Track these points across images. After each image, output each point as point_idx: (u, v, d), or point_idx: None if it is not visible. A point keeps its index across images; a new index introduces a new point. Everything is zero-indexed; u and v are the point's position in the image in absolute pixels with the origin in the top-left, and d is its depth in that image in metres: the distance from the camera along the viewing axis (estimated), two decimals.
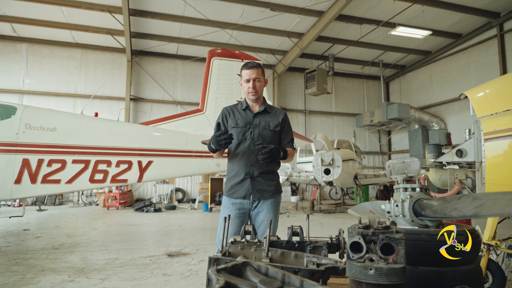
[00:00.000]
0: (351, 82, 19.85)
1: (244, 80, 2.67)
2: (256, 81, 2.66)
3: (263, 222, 2.64)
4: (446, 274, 1.38)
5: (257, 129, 2.69)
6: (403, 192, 1.60)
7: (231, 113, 2.76)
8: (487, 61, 14.15)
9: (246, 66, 2.68)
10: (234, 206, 2.65)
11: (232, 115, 2.75)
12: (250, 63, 2.70)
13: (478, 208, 1.18)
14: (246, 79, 2.66)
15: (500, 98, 2.88)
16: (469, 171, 3.11)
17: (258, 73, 2.67)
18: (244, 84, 2.69)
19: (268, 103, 2.91)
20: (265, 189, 2.68)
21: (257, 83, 2.67)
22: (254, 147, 2.64)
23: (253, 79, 2.65)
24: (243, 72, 2.68)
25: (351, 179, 11.67)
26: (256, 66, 2.67)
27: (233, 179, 2.70)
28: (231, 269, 1.17)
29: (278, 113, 2.83)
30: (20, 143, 5.02)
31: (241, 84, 2.74)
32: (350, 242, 1.18)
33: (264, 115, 2.76)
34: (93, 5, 12.08)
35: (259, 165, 2.63)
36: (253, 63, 2.70)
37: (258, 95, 2.70)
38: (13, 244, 5.88)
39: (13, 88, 14.15)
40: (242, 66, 2.72)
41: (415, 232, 1.45)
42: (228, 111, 2.78)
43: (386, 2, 12.33)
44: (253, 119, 2.72)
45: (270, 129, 2.72)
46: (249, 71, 2.64)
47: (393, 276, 1.10)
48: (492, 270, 3.10)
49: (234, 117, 2.73)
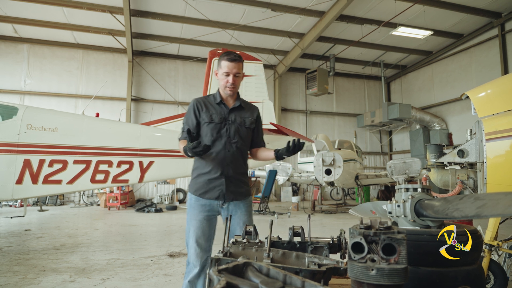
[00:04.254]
0: (352, 82, 19.84)
1: (223, 73, 2.43)
2: (235, 76, 2.43)
3: (239, 225, 2.45)
4: (448, 275, 1.37)
5: (233, 126, 2.50)
6: (405, 192, 1.59)
7: (203, 106, 2.51)
8: (489, 61, 14.13)
9: (228, 57, 2.41)
10: (203, 208, 2.46)
11: (205, 108, 2.50)
12: (232, 55, 2.43)
13: (480, 209, 1.17)
14: (225, 72, 2.41)
15: (502, 98, 2.87)
16: (471, 171, 3.10)
17: (239, 67, 2.44)
18: (222, 76, 2.45)
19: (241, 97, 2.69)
20: (238, 190, 2.51)
21: (237, 78, 2.44)
22: (231, 145, 2.47)
23: (234, 73, 2.42)
24: (222, 63, 2.42)
25: (352, 180, 11.66)
26: (238, 60, 2.42)
27: (204, 176, 2.47)
28: (232, 270, 1.17)
29: (253, 109, 2.66)
30: (22, 144, 5.02)
31: (217, 74, 2.50)
32: (351, 242, 1.18)
33: (240, 111, 2.56)
34: (94, 5, 12.10)
35: (234, 164, 2.49)
36: (235, 55, 2.44)
37: (235, 90, 2.51)
38: (14, 244, 5.89)
39: (15, 89, 14.18)
40: (222, 55, 2.44)
41: (417, 233, 1.44)
42: (200, 103, 2.52)
43: (387, 2, 12.32)
44: (229, 114, 2.52)
45: (246, 126, 2.55)
46: (230, 64, 2.39)
47: (394, 276, 1.09)
48: (493, 271, 3.09)
49: (207, 111, 2.50)
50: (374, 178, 12.49)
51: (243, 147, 2.56)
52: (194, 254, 2.41)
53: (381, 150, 20.13)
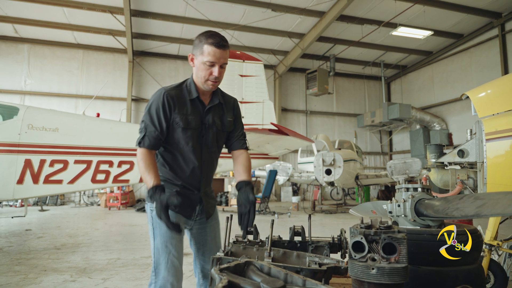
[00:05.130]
0: (352, 83, 19.85)
1: (206, 62, 1.83)
2: (221, 67, 1.89)
3: (214, 239, 2.16)
4: (448, 274, 1.38)
5: (211, 131, 2.02)
6: (405, 192, 1.60)
7: (176, 103, 1.92)
8: (489, 61, 14.14)
9: (214, 41, 1.82)
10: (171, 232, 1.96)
11: (178, 106, 1.92)
12: (219, 38, 1.84)
13: (480, 208, 1.18)
14: (210, 60, 1.83)
15: (502, 98, 2.88)
16: (471, 171, 3.11)
17: (227, 56, 1.89)
18: (203, 66, 1.86)
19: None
20: (211, 204, 2.17)
21: (222, 69, 1.91)
22: (208, 155, 2.04)
23: (221, 64, 1.87)
24: (206, 48, 1.82)
25: (352, 180, 11.67)
26: (227, 46, 1.87)
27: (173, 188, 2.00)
28: (234, 269, 1.18)
29: (231, 103, 2.16)
30: (23, 144, 5.04)
31: (193, 59, 1.92)
32: (352, 241, 1.19)
33: (217, 109, 2.06)
34: (94, 5, 12.11)
35: (209, 177, 2.12)
36: (222, 39, 1.86)
37: (218, 85, 1.99)
38: (15, 244, 5.89)
39: (15, 89, 14.19)
40: (203, 36, 1.85)
41: (417, 232, 1.45)
42: (173, 98, 1.91)
43: (387, 3, 12.32)
44: (206, 116, 2.01)
45: (224, 131, 2.10)
46: (217, 51, 1.82)
47: (395, 275, 1.10)
48: (493, 271, 3.09)
49: (181, 110, 1.93)
50: (374, 178, 12.50)
51: (218, 155, 2.16)
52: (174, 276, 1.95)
53: (381, 150, 20.13)
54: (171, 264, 1.93)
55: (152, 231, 2.02)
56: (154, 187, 1.77)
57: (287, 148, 8.24)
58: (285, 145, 7.72)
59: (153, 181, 1.79)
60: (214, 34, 1.85)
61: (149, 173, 1.83)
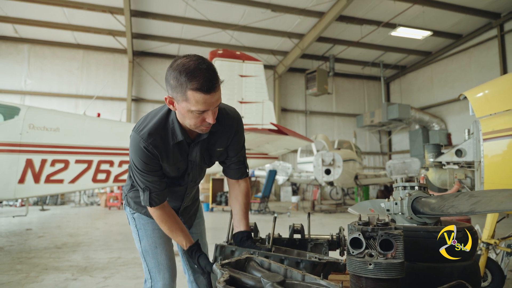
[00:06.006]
0: (351, 83, 19.90)
1: (195, 111, 1.40)
2: (216, 108, 1.48)
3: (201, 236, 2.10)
4: (444, 270, 1.41)
5: (196, 167, 1.75)
6: (402, 190, 1.63)
7: (163, 153, 1.57)
8: (488, 61, 14.19)
9: (201, 87, 1.33)
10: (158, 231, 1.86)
11: (165, 155, 1.59)
12: (209, 82, 1.34)
13: (474, 205, 1.22)
14: (199, 109, 1.39)
15: (499, 98, 2.92)
16: (468, 170, 3.14)
17: (220, 93, 1.44)
18: (190, 114, 1.42)
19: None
20: (191, 213, 2.06)
21: (216, 109, 1.48)
22: (192, 186, 1.87)
23: (215, 107, 1.45)
24: (192, 95, 1.35)
25: (351, 179, 11.71)
26: (217, 85, 1.40)
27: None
28: (235, 264, 1.21)
29: (227, 129, 1.69)
30: (24, 143, 5.07)
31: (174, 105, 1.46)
32: (350, 238, 1.22)
33: (205, 140, 1.66)
34: (94, 6, 12.15)
35: (191, 196, 1.97)
36: (211, 78, 1.35)
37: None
38: (16, 244, 5.92)
39: (15, 89, 14.25)
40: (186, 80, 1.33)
41: (414, 229, 1.48)
42: (158, 148, 1.55)
43: (386, 3, 12.37)
44: (192, 152, 1.67)
45: (212, 163, 1.81)
46: (208, 96, 1.36)
47: (391, 270, 1.13)
48: (491, 269, 3.13)
49: (168, 159, 1.61)
50: (374, 178, 12.56)
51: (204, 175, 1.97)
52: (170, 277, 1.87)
53: (381, 150, 20.18)
54: (164, 264, 1.84)
55: (136, 233, 1.88)
56: (189, 249, 1.65)
57: (287, 148, 8.28)
58: (285, 145, 7.76)
59: (185, 243, 1.67)
60: (196, 73, 1.33)
61: (177, 234, 1.69)
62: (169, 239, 1.90)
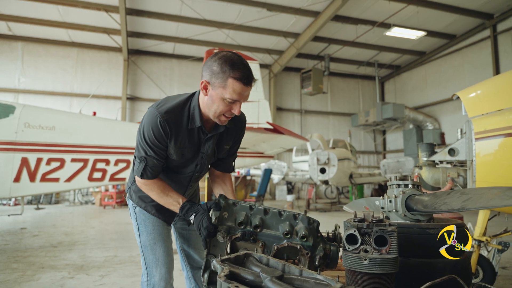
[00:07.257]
0: (346, 82, 19.99)
1: (228, 99, 1.52)
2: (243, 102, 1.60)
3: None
4: (436, 265, 1.46)
5: (206, 159, 1.81)
6: (396, 188, 1.68)
7: (173, 131, 1.63)
8: (481, 61, 14.34)
9: (243, 78, 1.50)
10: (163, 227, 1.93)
11: (175, 135, 1.65)
12: (249, 74, 1.53)
13: (465, 202, 1.26)
14: (233, 98, 1.52)
15: (491, 98, 2.97)
16: (461, 169, 3.20)
17: (250, 90, 1.58)
18: (221, 101, 1.55)
19: None
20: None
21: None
22: (199, 176, 1.92)
23: (244, 99, 1.58)
24: (231, 84, 1.49)
25: (346, 178, 11.79)
26: (253, 79, 1.56)
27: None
28: (235, 260, 1.24)
29: (237, 128, 1.85)
30: (19, 142, 5.05)
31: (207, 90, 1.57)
32: (346, 234, 1.26)
33: (221, 134, 1.81)
34: (89, 4, 12.08)
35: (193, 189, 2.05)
36: (251, 72, 1.54)
37: None
38: (11, 243, 5.90)
39: (9, 87, 14.11)
40: (230, 69, 1.48)
41: (407, 226, 1.53)
42: (170, 125, 1.61)
43: (381, 3, 12.45)
44: (204, 144, 1.75)
45: (218, 157, 1.90)
46: (246, 88, 1.52)
47: (386, 265, 1.18)
48: (482, 266, 3.20)
49: (177, 142, 1.67)
50: (368, 177, 12.65)
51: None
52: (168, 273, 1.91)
53: (375, 149, 20.32)
54: (161, 260, 1.87)
55: (137, 228, 1.91)
56: (182, 206, 1.65)
57: (282, 147, 8.33)
58: (280, 144, 7.81)
59: (180, 200, 1.68)
60: (240, 66, 1.50)
61: (167, 195, 1.70)
62: (169, 236, 1.96)
